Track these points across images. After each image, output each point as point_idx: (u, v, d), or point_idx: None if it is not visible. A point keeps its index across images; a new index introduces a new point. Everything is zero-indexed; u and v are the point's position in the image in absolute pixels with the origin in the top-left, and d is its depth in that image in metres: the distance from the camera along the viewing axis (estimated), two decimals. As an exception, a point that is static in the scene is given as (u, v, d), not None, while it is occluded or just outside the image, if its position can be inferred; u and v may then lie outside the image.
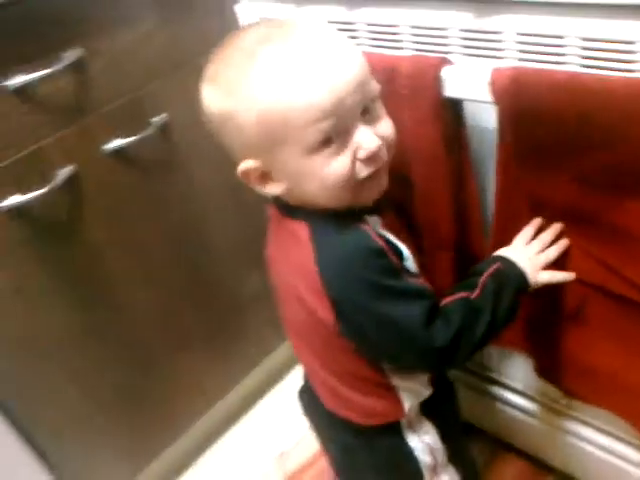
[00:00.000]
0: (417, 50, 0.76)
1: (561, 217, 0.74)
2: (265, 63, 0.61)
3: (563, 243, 0.76)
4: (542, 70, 0.64)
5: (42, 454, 1.00)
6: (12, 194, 0.86)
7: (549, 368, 0.90)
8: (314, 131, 0.61)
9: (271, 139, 0.63)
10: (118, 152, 0.96)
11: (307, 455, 1.26)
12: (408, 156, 0.76)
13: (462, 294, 0.71)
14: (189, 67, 1.00)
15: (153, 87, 0.98)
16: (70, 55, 0.87)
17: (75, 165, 0.91)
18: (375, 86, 0.65)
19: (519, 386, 1.03)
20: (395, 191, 0.74)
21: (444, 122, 0.72)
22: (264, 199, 1.19)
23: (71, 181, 0.91)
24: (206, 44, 1.01)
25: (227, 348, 1.26)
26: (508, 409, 1.07)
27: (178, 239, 1.09)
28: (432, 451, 0.81)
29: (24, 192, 0.87)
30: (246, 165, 0.68)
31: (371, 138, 0.64)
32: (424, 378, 0.79)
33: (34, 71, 0.83)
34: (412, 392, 0.77)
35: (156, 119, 0.99)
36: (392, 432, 0.80)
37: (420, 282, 0.70)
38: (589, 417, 0.94)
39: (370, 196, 0.68)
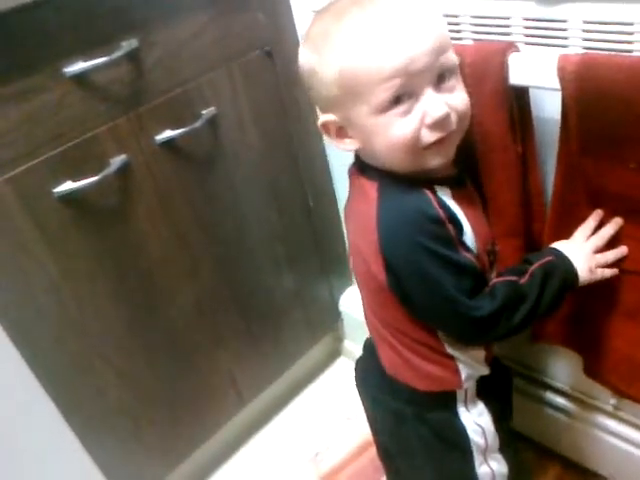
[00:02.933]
0: (477, 40, 0.76)
1: (620, 208, 0.74)
2: (349, 25, 0.65)
3: (622, 250, 0.77)
4: (610, 56, 0.64)
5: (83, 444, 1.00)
6: (65, 181, 0.87)
7: (598, 367, 0.88)
8: (383, 89, 0.64)
9: (346, 95, 0.67)
10: (168, 143, 0.96)
11: (342, 456, 1.25)
12: (474, 145, 0.76)
13: (511, 277, 0.73)
14: (238, 62, 1.02)
15: (203, 80, 0.99)
16: (126, 45, 0.88)
17: (127, 154, 0.92)
18: (453, 57, 0.67)
19: (563, 386, 1.02)
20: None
21: (510, 110, 0.72)
22: (301, 198, 1.21)
23: (123, 170, 0.92)
24: (256, 40, 1.04)
25: (262, 348, 1.26)
26: (550, 411, 1.05)
27: (218, 234, 1.10)
28: (485, 434, 0.82)
29: (77, 179, 0.88)
30: (326, 118, 0.72)
31: (439, 104, 0.65)
32: (479, 354, 0.80)
33: (91, 59, 0.85)
34: (469, 365, 0.79)
35: (205, 112, 0.99)
36: (446, 406, 0.81)
37: (472, 258, 0.71)
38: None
39: (433, 163, 0.70)
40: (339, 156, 1.17)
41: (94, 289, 0.95)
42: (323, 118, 0.73)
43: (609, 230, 0.76)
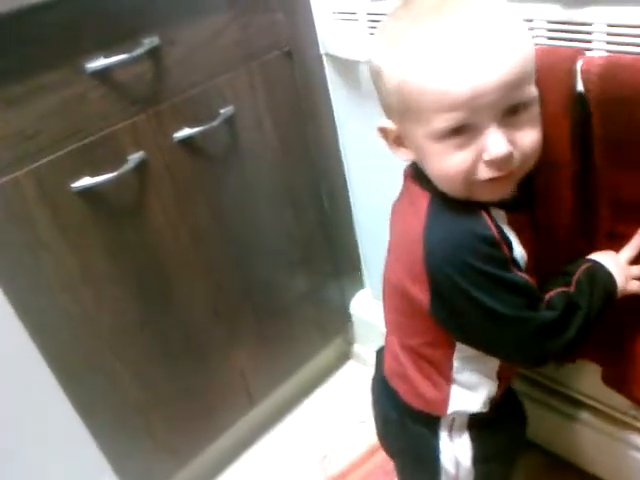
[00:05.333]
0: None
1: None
2: (422, 34, 0.60)
3: None
4: (635, 58, 0.63)
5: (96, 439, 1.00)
6: (83, 176, 0.88)
7: (617, 375, 0.87)
8: (442, 118, 0.60)
9: (405, 110, 0.63)
10: (186, 141, 0.97)
11: (350, 458, 1.25)
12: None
13: (562, 289, 0.70)
14: (257, 62, 1.03)
15: (222, 79, 0.99)
16: (147, 43, 0.88)
17: (145, 152, 0.92)
18: (531, 91, 0.61)
19: (579, 395, 1.01)
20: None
21: (575, 120, 0.69)
22: (316, 199, 1.21)
23: (140, 167, 0.93)
24: (276, 40, 1.05)
25: (274, 348, 1.26)
26: (566, 421, 1.03)
27: (234, 233, 1.10)
28: (458, 466, 0.79)
29: (95, 175, 0.88)
30: (384, 124, 0.68)
31: (500, 143, 0.60)
32: (485, 390, 0.76)
33: (112, 56, 0.85)
34: (465, 397, 0.76)
35: (223, 111, 1.00)
36: (429, 425, 0.79)
37: (528, 277, 0.67)
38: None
39: (486, 197, 0.66)
40: (355, 158, 1.18)
41: (110, 286, 0.95)
42: (381, 124, 0.69)
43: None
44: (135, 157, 0.91)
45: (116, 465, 1.04)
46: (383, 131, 0.69)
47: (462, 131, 0.60)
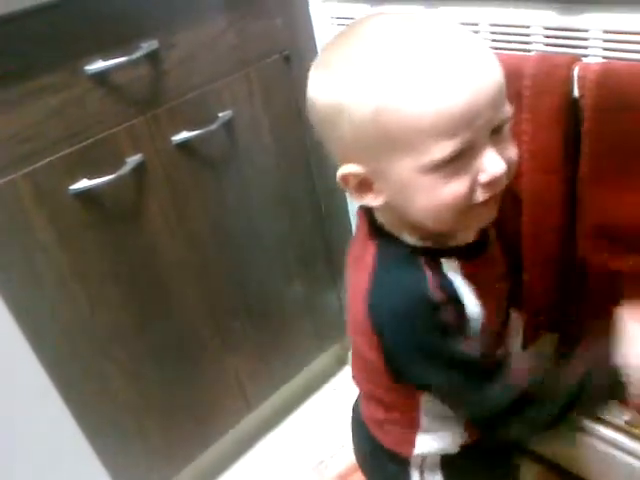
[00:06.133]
0: (495, 49, 0.76)
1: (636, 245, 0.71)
2: (394, 52, 0.52)
3: None
4: (631, 64, 0.64)
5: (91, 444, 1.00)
6: (81, 178, 0.88)
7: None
8: (441, 146, 0.52)
9: (386, 144, 0.54)
10: (184, 144, 0.97)
11: (346, 464, 1.24)
12: (520, 166, 0.66)
13: (542, 368, 0.64)
14: (256, 67, 1.03)
15: (221, 83, 1.00)
16: (146, 46, 0.88)
17: (143, 154, 0.93)
18: (509, 107, 0.56)
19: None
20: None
21: (568, 126, 0.69)
22: (313, 203, 1.21)
23: (138, 170, 0.93)
24: (274, 45, 1.05)
25: (270, 354, 1.25)
26: (563, 428, 1.03)
27: (230, 237, 1.10)
28: None
29: (92, 177, 0.88)
30: (348, 170, 0.58)
31: (498, 162, 0.55)
32: (453, 437, 0.72)
33: (111, 59, 0.85)
34: (432, 442, 0.72)
35: (221, 115, 1.00)
36: (400, 463, 0.76)
37: (471, 348, 0.61)
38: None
39: (476, 224, 0.62)
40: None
41: (105, 288, 0.96)
42: (345, 170, 0.58)
43: None
44: (133, 160, 0.91)
45: (111, 470, 1.03)
46: (345, 179, 0.59)
47: (460, 157, 0.54)
